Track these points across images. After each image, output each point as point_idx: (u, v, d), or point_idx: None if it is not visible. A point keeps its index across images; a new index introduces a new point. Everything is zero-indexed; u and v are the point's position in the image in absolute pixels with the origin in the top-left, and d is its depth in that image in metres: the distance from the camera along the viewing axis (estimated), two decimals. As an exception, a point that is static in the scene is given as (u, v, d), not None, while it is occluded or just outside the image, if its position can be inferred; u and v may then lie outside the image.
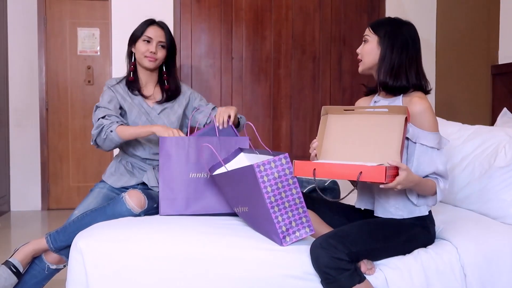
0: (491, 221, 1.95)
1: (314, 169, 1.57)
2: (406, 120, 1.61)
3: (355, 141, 1.72)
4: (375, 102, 1.86)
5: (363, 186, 1.85)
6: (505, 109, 2.51)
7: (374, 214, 1.80)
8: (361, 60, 1.83)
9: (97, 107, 2.21)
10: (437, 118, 2.55)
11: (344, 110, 1.76)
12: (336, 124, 1.77)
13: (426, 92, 1.78)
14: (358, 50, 1.85)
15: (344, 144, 1.74)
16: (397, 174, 1.54)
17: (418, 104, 1.68)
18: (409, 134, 1.69)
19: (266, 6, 3.33)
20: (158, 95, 2.36)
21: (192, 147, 2.04)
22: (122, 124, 2.15)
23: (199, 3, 3.28)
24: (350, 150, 1.72)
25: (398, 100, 1.76)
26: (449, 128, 2.32)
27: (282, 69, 3.37)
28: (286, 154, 1.65)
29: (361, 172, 1.50)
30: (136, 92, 2.31)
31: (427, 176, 1.71)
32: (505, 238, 1.80)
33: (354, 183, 1.69)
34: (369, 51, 1.79)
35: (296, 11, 3.36)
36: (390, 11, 3.42)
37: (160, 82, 2.39)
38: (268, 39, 3.35)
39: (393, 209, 1.74)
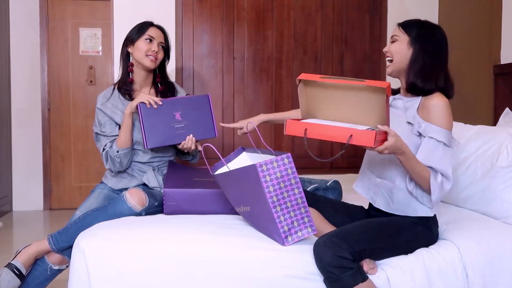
0: (493, 221, 1.95)
1: (306, 129, 1.58)
2: (388, 98, 1.55)
3: (338, 112, 1.68)
4: (394, 99, 1.85)
5: (366, 171, 1.86)
6: (507, 109, 2.50)
7: (374, 206, 1.81)
8: (391, 60, 1.79)
9: (96, 134, 2.27)
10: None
11: (320, 78, 1.65)
12: (315, 99, 1.72)
13: (448, 95, 1.75)
14: (385, 49, 1.82)
15: (329, 111, 1.70)
16: (385, 140, 1.53)
17: (436, 98, 1.68)
18: (422, 129, 1.68)
19: (268, 6, 3.34)
20: None
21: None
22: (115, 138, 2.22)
23: (200, 3, 3.28)
24: (336, 115, 1.68)
25: (417, 99, 1.75)
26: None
27: (284, 69, 3.37)
28: (289, 154, 1.65)
29: (351, 135, 1.50)
30: (127, 97, 2.29)
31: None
32: (507, 238, 1.80)
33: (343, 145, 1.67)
34: (398, 50, 1.76)
35: (298, 11, 3.36)
36: (392, 11, 3.42)
37: (154, 84, 2.38)
38: (270, 39, 3.35)
39: (395, 205, 1.75)
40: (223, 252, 1.65)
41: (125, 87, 2.29)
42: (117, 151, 2.17)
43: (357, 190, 1.92)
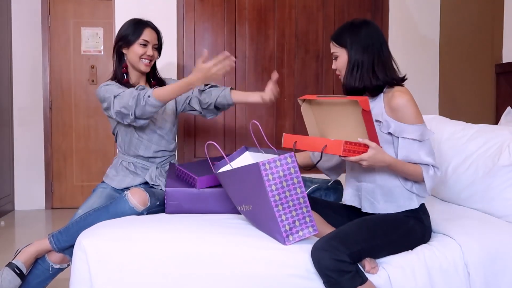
0: (495, 219, 1.95)
1: (295, 141, 1.78)
2: (367, 111, 1.63)
3: (333, 129, 1.84)
4: None
5: (349, 179, 1.91)
6: (509, 108, 2.50)
7: (362, 210, 1.82)
8: (341, 75, 1.84)
9: (115, 96, 2.10)
10: (440, 116, 2.55)
11: (317, 97, 1.81)
12: (313, 114, 1.91)
13: (401, 81, 1.79)
14: (333, 67, 1.87)
15: (327, 128, 1.87)
16: (364, 152, 1.60)
17: (398, 98, 1.71)
18: (392, 129, 1.72)
19: (269, 5, 3.33)
20: None
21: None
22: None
23: (202, 2, 3.28)
24: (332, 132, 1.85)
25: (379, 98, 1.78)
26: (453, 127, 2.32)
27: (286, 68, 3.37)
28: (292, 153, 1.65)
29: (326, 145, 1.64)
30: None
31: None
32: (509, 236, 1.80)
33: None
34: (344, 64, 1.81)
35: (299, 10, 3.36)
36: (394, 10, 3.42)
37: (148, 81, 2.41)
38: (271, 38, 3.35)
39: (381, 204, 1.77)
40: (225, 251, 1.65)
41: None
42: (149, 96, 2.01)
43: (346, 202, 1.93)
